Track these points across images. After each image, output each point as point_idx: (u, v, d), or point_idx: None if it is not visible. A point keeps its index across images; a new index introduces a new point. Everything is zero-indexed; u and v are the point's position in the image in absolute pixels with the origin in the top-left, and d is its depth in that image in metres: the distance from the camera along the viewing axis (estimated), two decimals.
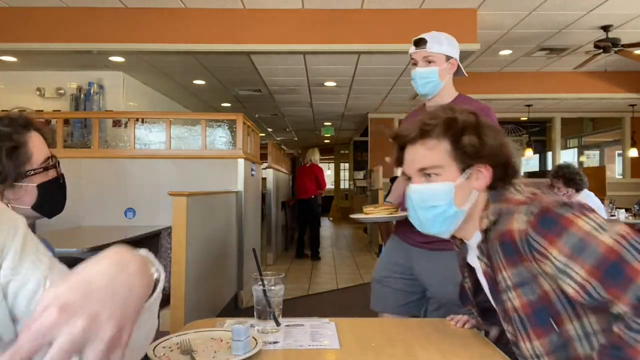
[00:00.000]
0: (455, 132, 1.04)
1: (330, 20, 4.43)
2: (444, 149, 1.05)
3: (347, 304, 4.47)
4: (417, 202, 1.09)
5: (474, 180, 1.06)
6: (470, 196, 1.06)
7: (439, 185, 1.05)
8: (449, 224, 1.08)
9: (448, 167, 1.05)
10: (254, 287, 1.24)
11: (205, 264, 3.30)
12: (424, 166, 1.06)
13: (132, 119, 4.35)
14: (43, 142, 1.13)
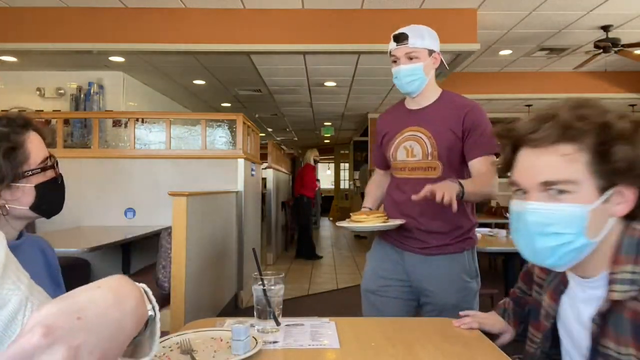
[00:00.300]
0: (606, 141, 0.80)
1: (330, 20, 4.43)
2: (584, 160, 0.81)
3: (347, 304, 4.47)
4: (535, 226, 0.84)
5: (614, 204, 0.83)
6: (605, 225, 0.83)
7: (570, 207, 0.81)
8: (572, 257, 0.84)
9: (584, 185, 0.81)
10: (254, 287, 1.24)
11: (205, 264, 3.30)
12: (552, 179, 0.82)
13: (132, 119, 4.35)
14: (41, 142, 1.12)
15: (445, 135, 1.66)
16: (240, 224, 4.41)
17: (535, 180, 0.84)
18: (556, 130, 0.82)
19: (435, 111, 1.71)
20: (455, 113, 1.67)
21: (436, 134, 1.67)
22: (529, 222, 0.85)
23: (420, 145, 1.70)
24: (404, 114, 1.78)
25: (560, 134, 0.82)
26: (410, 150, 1.72)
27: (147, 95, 6.51)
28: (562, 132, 0.82)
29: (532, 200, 0.85)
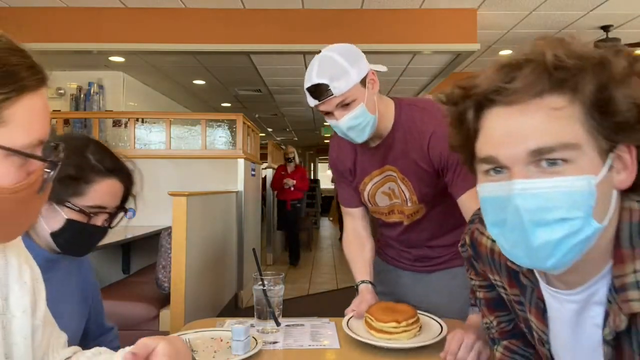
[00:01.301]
0: (606, 85, 0.59)
1: (330, 20, 4.43)
2: (580, 114, 0.59)
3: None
4: (532, 213, 0.60)
5: (616, 172, 0.61)
6: (611, 202, 0.61)
7: (575, 180, 0.58)
8: (577, 252, 0.60)
9: (585, 149, 0.59)
10: (254, 287, 1.24)
11: (205, 264, 3.30)
12: (545, 145, 0.59)
13: (132, 119, 4.35)
14: (112, 192, 1.07)
15: (416, 172, 1.35)
16: (240, 224, 4.41)
17: (520, 149, 0.60)
18: (540, 76, 0.59)
19: (396, 143, 1.36)
20: (418, 145, 1.33)
21: (406, 173, 1.36)
22: (521, 209, 0.60)
23: (396, 189, 1.40)
24: (365, 152, 1.44)
25: (546, 80, 0.59)
26: (391, 193, 1.42)
27: (147, 95, 6.51)
28: (547, 76, 0.59)
29: (521, 177, 0.60)
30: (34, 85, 0.59)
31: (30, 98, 0.59)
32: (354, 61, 1.30)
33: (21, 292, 0.72)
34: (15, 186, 0.58)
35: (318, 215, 12.58)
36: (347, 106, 1.27)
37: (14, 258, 0.73)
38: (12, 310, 0.71)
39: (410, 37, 4.41)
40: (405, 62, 5.41)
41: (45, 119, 0.62)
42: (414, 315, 1.17)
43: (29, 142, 0.59)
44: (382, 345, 1.13)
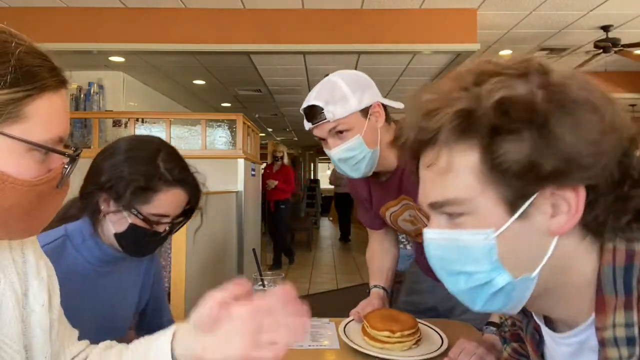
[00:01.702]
0: (483, 132, 0.54)
1: (330, 20, 4.43)
2: (468, 167, 0.56)
3: (347, 304, 4.46)
4: (438, 262, 0.62)
5: (545, 218, 0.56)
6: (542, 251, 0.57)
7: (467, 234, 0.57)
8: (506, 302, 0.59)
9: (482, 201, 0.56)
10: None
11: (205, 264, 3.30)
12: (436, 200, 0.59)
13: (132, 119, 4.35)
14: (176, 203, 1.10)
15: None
16: (240, 224, 4.41)
17: (424, 202, 0.62)
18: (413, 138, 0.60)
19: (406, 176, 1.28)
20: None
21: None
22: (431, 256, 0.62)
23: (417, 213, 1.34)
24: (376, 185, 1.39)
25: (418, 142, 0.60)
26: (413, 219, 1.36)
27: (147, 95, 6.51)
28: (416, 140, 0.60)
29: (432, 226, 0.61)
30: (55, 85, 0.63)
31: (51, 97, 0.62)
32: (357, 89, 1.20)
33: (39, 287, 0.76)
34: (35, 180, 0.61)
35: (318, 215, 12.57)
36: (342, 135, 1.19)
37: (31, 254, 0.76)
38: (32, 304, 0.74)
39: (410, 37, 4.41)
40: (405, 62, 5.41)
41: (65, 118, 0.65)
42: (411, 327, 1.13)
43: (49, 138, 0.62)
44: (372, 354, 1.10)
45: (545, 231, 0.56)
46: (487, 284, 0.58)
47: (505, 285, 0.57)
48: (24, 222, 0.65)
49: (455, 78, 0.59)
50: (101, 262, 1.12)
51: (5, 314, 0.69)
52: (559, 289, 0.59)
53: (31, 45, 0.63)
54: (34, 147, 0.60)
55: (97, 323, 0.95)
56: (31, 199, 0.62)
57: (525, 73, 0.56)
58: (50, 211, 0.69)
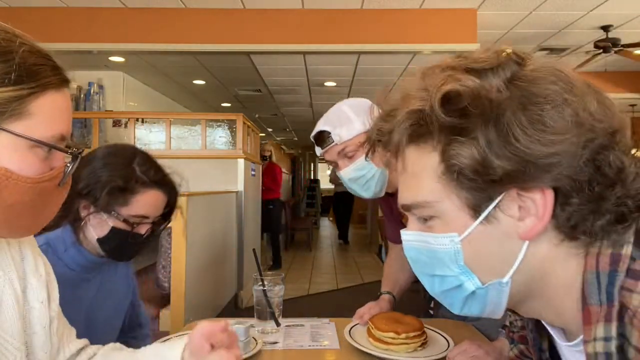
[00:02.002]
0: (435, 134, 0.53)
1: (330, 20, 4.43)
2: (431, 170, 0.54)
3: (347, 304, 4.46)
4: (414, 262, 0.61)
5: (512, 219, 0.52)
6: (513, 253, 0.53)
7: (434, 238, 0.56)
8: (480, 306, 0.57)
9: (446, 204, 0.54)
10: (254, 288, 1.24)
11: (205, 264, 3.30)
12: (404, 202, 0.59)
13: (132, 119, 4.36)
14: (155, 204, 1.13)
15: None
16: (240, 224, 4.41)
17: (398, 202, 0.60)
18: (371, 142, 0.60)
19: None
20: None
21: None
22: (408, 258, 0.61)
23: None
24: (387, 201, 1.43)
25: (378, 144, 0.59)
26: None
27: (147, 95, 6.51)
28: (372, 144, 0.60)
29: (409, 228, 0.60)
30: (57, 83, 0.64)
31: (53, 95, 0.63)
32: (361, 112, 1.25)
33: (38, 284, 0.77)
34: (38, 177, 0.62)
35: (318, 215, 12.58)
36: (350, 157, 1.25)
37: (29, 252, 0.77)
38: (31, 301, 0.75)
39: (410, 37, 4.41)
40: (405, 62, 5.41)
41: (68, 116, 0.67)
42: (417, 329, 1.13)
43: (51, 135, 0.63)
44: (376, 355, 1.10)
45: (514, 235, 0.52)
46: (458, 288, 0.56)
47: (476, 290, 0.55)
48: (26, 220, 0.65)
49: (424, 76, 0.56)
50: (84, 269, 1.13)
51: (6, 312, 0.70)
52: (541, 295, 0.56)
53: (34, 45, 0.64)
54: (37, 144, 0.61)
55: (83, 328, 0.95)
56: (34, 196, 0.63)
57: (496, 65, 0.53)
58: (53, 209, 0.69)
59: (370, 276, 5.79)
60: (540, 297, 0.56)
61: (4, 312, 0.69)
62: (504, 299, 0.56)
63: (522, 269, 0.53)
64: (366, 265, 6.61)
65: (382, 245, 3.90)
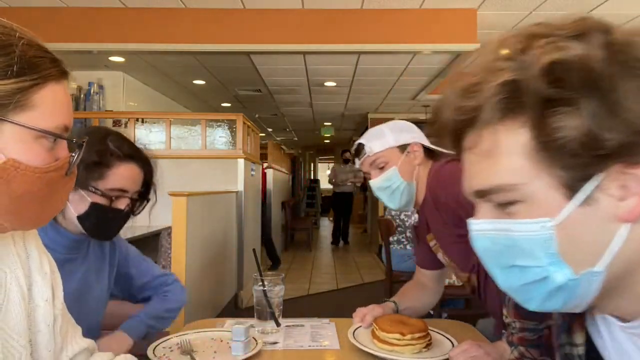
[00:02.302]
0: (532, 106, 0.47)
1: (330, 20, 4.43)
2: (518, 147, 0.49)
3: (347, 304, 4.46)
4: (487, 255, 0.55)
5: (612, 199, 0.47)
6: (609, 240, 0.48)
7: (520, 224, 0.50)
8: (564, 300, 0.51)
9: (536, 185, 0.48)
10: (254, 288, 1.24)
11: (205, 264, 3.30)
12: (481, 188, 0.52)
13: (132, 119, 4.35)
14: (131, 178, 1.15)
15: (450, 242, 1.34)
16: (240, 224, 4.41)
17: (468, 189, 0.55)
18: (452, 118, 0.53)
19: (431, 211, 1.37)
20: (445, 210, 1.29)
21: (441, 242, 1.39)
22: (478, 249, 0.55)
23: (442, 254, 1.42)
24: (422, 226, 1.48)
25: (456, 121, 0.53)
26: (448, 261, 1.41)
27: (147, 95, 6.51)
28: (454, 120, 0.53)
29: (480, 216, 0.54)
30: (57, 75, 0.66)
31: (54, 86, 0.65)
32: (396, 130, 1.38)
33: (43, 282, 0.77)
34: (45, 167, 0.63)
35: (318, 215, 12.58)
36: (381, 169, 1.36)
37: (34, 249, 0.78)
38: (36, 299, 0.75)
39: (410, 37, 4.41)
40: (405, 62, 5.41)
41: (69, 108, 0.69)
42: (422, 330, 1.12)
43: (55, 126, 0.64)
44: (382, 356, 1.09)
45: (613, 217, 0.47)
46: (544, 280, 0.50)
47: (566, 282, 0.49)
48: (36, 210, 0.66)
49: (499, 45, 0.51)
50: (65, 249, 1.14)
51: (12, 310, 0.70)
52: (628, 284, 0.50)
53: (32, 38, 0.65)
54: (43, 134, 0.62)
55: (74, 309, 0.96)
56: (42, 186, 0.64)
57: (582, 33, 0.49)
58: (61, 199, 0.71)
59: (370, 276, 5.79)
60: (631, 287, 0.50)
61: (11, 310, 0.70)
62: (593, 292, 0.50)
63: (620, 256, 0.48)
64: (366, 265, 6.61)
65: (382, 245, 3.90)
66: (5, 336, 0.68)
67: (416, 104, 7.97)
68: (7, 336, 0.68)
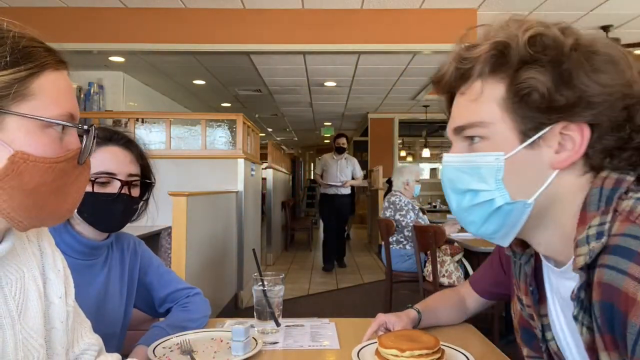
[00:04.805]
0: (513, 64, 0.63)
1: (330, 20, 4.43)
2: (495, 96, 0.65)
3: (347, 304, 4.47)
4: (449, 180, 0.70)
5: (550, 150, 0.63)
6: (542, 179, 0.64)
7: (480, 156, 0.66)
8: (498, 224, 0.66)
9: (498, 127, 0.64)
10: (254, 288, 1.24)
11: (205, 264, 3.30)
12: (460, 124, 0.68)
13: (132, 119, 4.35)
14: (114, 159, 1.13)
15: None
16: (240, 224, 4.41)
17: (450, 127, 0.71)
18: (453, 69, 0.70)
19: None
20: None
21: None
22: (444, 178, 0.71)
23: None
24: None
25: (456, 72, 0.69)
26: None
27: (147, 95, 6.51)
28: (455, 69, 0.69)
29: (452, 151, 0.71)
30: (54, 63, 0.64)
31: (52, 74, 0.63)
32: None
33: (57, 279, 0.77)
34: (56, 157, 0.62)
35: (318, 215, 12.56)
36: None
37: (47, 247, 0.78)
38: (50, 297, 0.75)
39: (410, 37, 4.41)
40: (405, 62, 5.41)
41: (72, 96, 0.66)
42: (430, 347, 1.02)
43: (59, 114, 0.62)
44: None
45: (548, 164, 0.64)
46: (488, 202, 0.65)
47: (503, 205, 0.65)
48: (54, 204, 0.65)
49: (501, 27, 0.69)
50: (79, 254, 1.12)
51: (31, 308, 0.70)
52: (554, 221, 0.66)
53: (23, 30, 0.64)
54: (48, 123, 0.61)
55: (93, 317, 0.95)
56: (55, 178, 0.63)
57: (565, 29, 0.64)
58: (78, 191, 0.69)
59: (370, 276, 5.79)
60: (552, 223, 0.66)
61: (30, 308, 0.69)
62: (522, 221, 0.65)
63: (546, 194, 0.64)
64: (366, 265, 6.60)
65: (381, 245, 3.90)
66: (25, 335, 0.67)
67: (416, 104, 7.97)
68: (27, 335, 0.68)
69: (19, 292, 0.68)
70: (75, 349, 0.82)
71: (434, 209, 7.10)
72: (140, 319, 1.95)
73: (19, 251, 0.71)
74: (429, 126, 10.58)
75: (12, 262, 0.69)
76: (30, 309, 0.69)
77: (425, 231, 3.11)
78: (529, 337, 0.81)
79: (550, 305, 0.74)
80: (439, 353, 1.02)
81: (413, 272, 3.48)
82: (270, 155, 6.84)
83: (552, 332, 0.74)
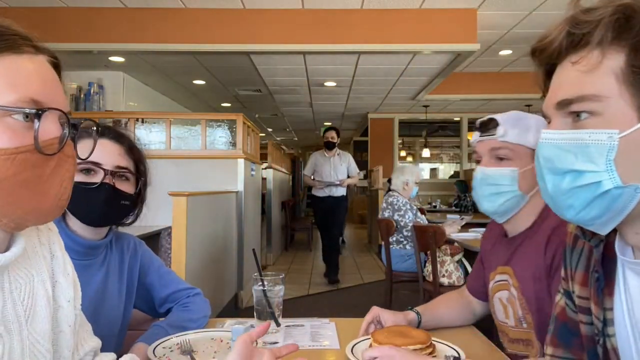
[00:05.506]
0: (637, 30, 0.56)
1: (330, 20, 4.43)
2: (614, 67, 0.57)
3: (347, 304, 4.47)
4: (547, 159, 0.63)
5: None
6: None
7: (590, 133, 0.58)
8: (602, 209, 0.59)
9: (616, 102, 0.57)
10: (254, 288, 1.24)
11: (205, 264, 3.30)
12: (568, 97, 0.60)
13: (132, 119, 4.35)
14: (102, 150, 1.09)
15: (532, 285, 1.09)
16: (240, 224, 4.41)
17: (550, 101, 0.63)
18: (563, 34, 0.62)
19: (525, 244, 1.14)
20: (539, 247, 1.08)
21: (522, 283, 1.11)
22: (540, 157, 0.63)
23: (510, 300, 1.16)
24: (499, 239, 1.24)
25: (568, 38, 0.61)
26: (505, 308, 1.18)
27: (147, 95, 6.51)
28: (567, 34, 0.61)
29: (551, 128, 0.63)
30: (13, 46, 0.59)
31: (12, 58, 0.58)
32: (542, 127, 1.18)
33: (66, 282, 0.76)
34: (14, 148, 0.56)
35: None
36: (500, 161, 1.11)
37: (58, 250, 0.77)
38: (59, 300, 0.74)
39: (410, 37, 4.41)
40: (405, 62, 5.41)
41: (38, 81, 0.60)
42: (421, 342, 1.03)
43: (17, 99, 0.57)
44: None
45: None
46: (594, 185, 0.58)
47: (612, 189, 0.57)
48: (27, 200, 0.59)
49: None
50: (76, 254, 1.10)
51: (40, 313, 0.69)
52: None
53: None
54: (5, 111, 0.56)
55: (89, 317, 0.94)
56: (18, 170, 0.56)
57: None
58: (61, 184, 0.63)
59: (370, 276, 5.79)
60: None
61: (38, 313, 0.68)
62: (629, 208, 0.58)
63: None
64: (366, 265, 6.61)
65: (381, 245, 3.90)
66: (32, 341, 0.66)
67: (416, 104, 7.97)
68: (34, 341, 0.67)
69: (28, 297, 0.67)
70: (81, 352, 0.82)
71: (434, 209, 7.10)
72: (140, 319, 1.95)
73: (29, 254, 0.70)
74: (429, 126, 10.59)
75: (22, 265, 0.68)
76: (38, 313, 0.68)
77: (425, 231, 3.11)
78: (569, 335, 0.76)
79: (617, 301, 0.66)
80: (430, 347, 1.04)
81: (413, 272, 3.48)
82: (270, 155, 6.85)
83: (614, 328, 0.67)
